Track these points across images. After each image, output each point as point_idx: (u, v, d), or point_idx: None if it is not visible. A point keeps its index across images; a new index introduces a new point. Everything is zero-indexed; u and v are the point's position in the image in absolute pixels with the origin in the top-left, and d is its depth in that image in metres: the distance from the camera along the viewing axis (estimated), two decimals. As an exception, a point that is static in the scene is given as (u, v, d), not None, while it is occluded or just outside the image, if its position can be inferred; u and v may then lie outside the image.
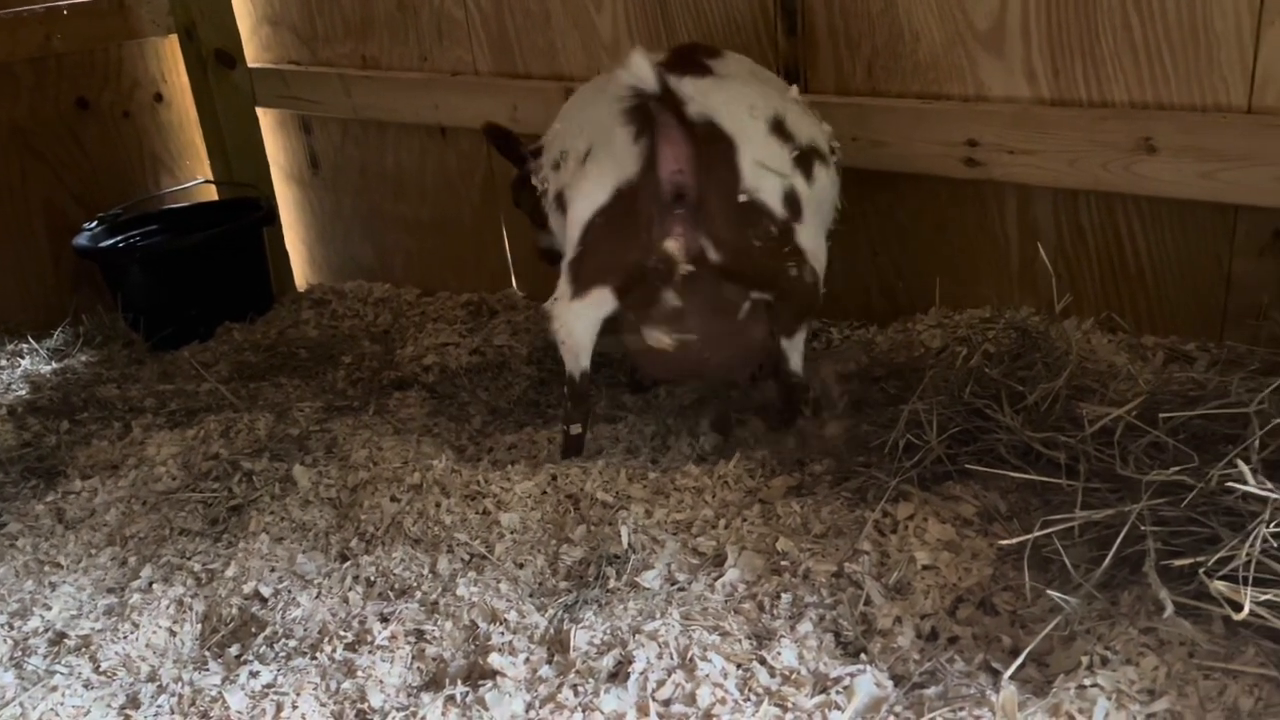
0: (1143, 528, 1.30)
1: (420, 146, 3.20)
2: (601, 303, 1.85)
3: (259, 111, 3.54)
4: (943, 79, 2.17)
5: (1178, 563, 1.23)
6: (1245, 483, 1.18)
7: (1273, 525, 1.16)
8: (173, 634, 1.70)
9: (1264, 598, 1.13)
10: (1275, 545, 1.16)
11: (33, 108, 3.23)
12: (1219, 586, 1.15)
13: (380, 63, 3.17)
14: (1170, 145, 1.90)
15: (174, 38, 3.44)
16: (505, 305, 3.07)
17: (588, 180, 1.82)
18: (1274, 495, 1.17)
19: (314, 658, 1.53)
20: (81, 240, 3.13)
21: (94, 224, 3.20)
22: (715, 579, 1.60)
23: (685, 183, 1.72)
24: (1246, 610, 1.13)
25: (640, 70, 1.59)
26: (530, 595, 1.65)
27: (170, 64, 3.49)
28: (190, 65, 3.45)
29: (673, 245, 1.74)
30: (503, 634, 1.52)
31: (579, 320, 1.88)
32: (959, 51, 2.13)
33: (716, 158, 1.74)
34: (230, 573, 1.80)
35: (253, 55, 3.48)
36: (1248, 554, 1.16)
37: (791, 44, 2.34)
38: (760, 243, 1.78)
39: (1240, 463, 1.20)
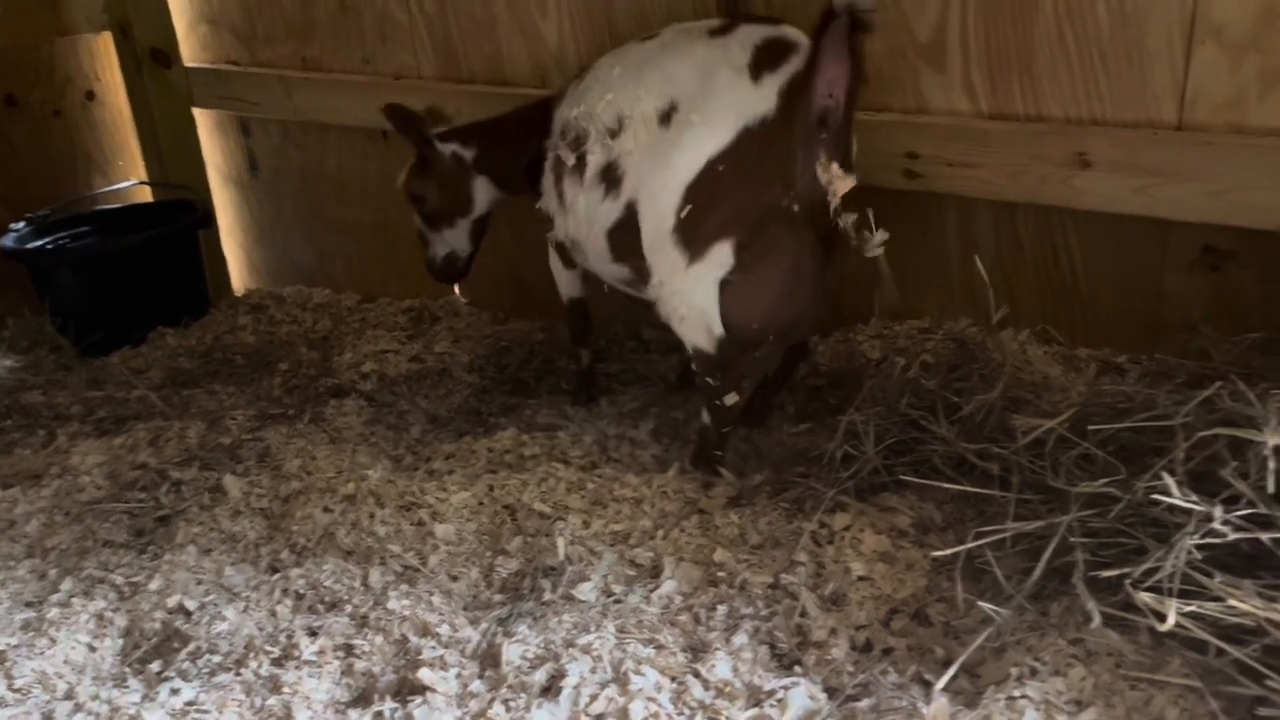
0: (1072, 539, 1.31)
1: (363, 150, 3.15)
2: (721, 262, 1.73)
3: (196, 112, 3.46)
4: (884, 90, 2.18)
5: (1105, 574, 1.24)
6: (1170, 495, 1.19)
7: (1197, 537, 1.17)
8: (92, 650, 1.64)
9: (1188, 609, 1.15)
10: (1199, 557, 1.17)
11: (-42, 104, 3.14)
12: (1144, 598, 1.16)
13: (322, 64, 3.12)
14: (1104, 160, 1.93)
15: (108, 35, 3.36)
16: (448, 312, 3.03)
17: (693, 131, 1.71)
18: (1198, 507, 1.19)
19: (238, 674, 1.49)
20: (8, 241, 3.03)
21: (22, 225, 3.11)
22: (652, 591, 1.58)
23: (832, 107, 1.66)
24: (1171, 621, 1.14)
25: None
26: (464, 608, 1.62)
27: (104, 62, 3.40)
28: (124, 63, 3.36)
29: (821, 171, 1.68)
30: (434, 648, 1.49)
31: (700, 286, 1.75)
32: (900, 64, 2.14)
33: (857, 84, 1.69)
34: (154, 586, 1.75)
35: (190, 54, 3.41)
36: (1173, 565, 1.17)
37: (735, 53, 2.34)
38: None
39: (1166, 475, 1.21)
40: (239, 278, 3.68)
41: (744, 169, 1.69)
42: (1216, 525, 1.16)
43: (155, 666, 1.57)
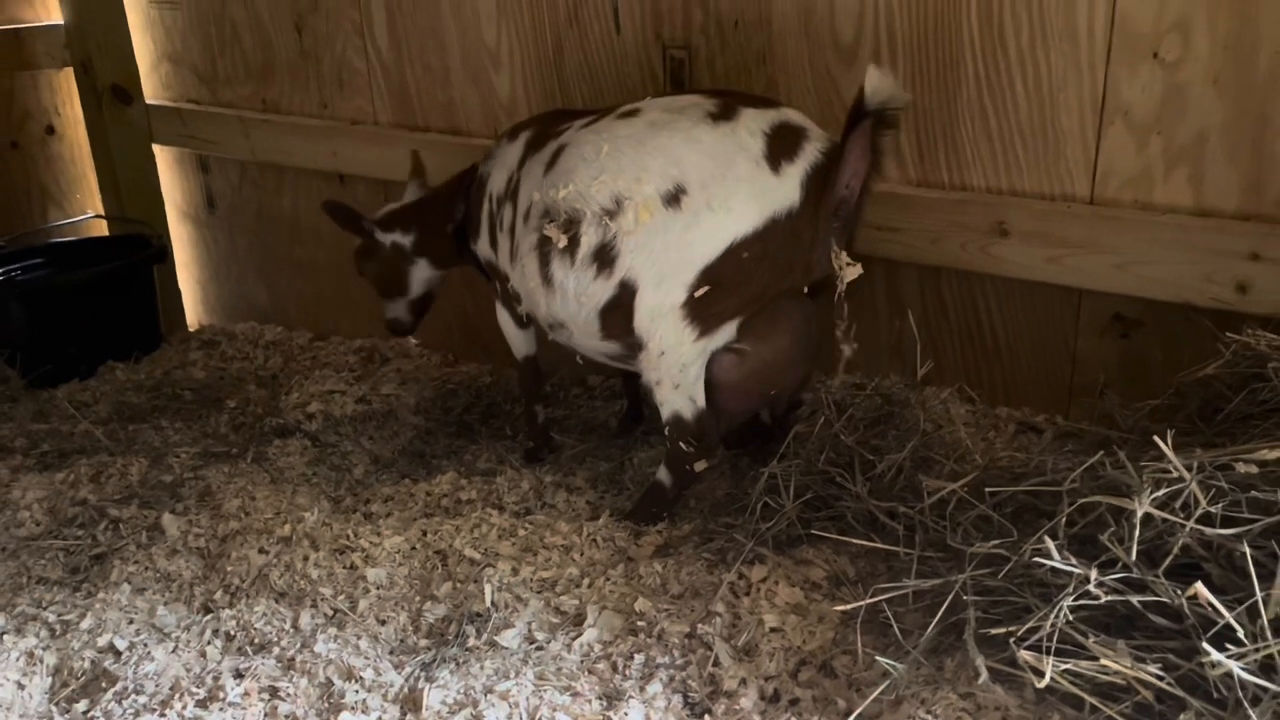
0: (965, 597, 1.38)
1: (318, 191, 3.21)
2: (724, 336, 1.82)
3: (156, 148, 3.51)
4: (818, 155, 2.27)
5: (994, 631, 1.31)
6: (1051, 558, 1.27)
7: (1074, 598, 1.25)
8: (21, 687, 1.66)
9: (1065, 667, 1.22)
10: (1075, 617, 1.24)
11: (-86, 136, 3.16)
12: (1024, 656, 1.23)
13: (280, 107, 3.18)
14: (1021, 230, 2.03)
15: (70, 70, 3.40)
16: (398, 353, 3.08)
17: (714, 216, 1.75)
18: (1076, 570, 1.26)
19: (162, 714, 1.52)
20: (-42, 272, 3.06)
21: (-27, 256, 3.13)
22: (574, 639, 1.63)
23: (848, 197, 1.77)
24: (1047, 679, 1.21)
25: (887, 82, 1.63)
26: (390, 653, 1.66)
27: (65, 96, 3.44)
28: (85, 99, 3.41)
29: (834, 258, 1.77)
30: (357, 692, 1.53)
31: (701, 359, 1.83)
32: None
33: (872, 177, 1.79)
34: (86, 624, 1.78)
35: (151, 92, 3.46)
36: (1052, 625, 1.24)
37: (679, 114, 2.43)
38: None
39: (1048, 539, 1.29)
40: (194, 313, 3.71)
41: (768, 255, 1.77)
42: (1091, 588, 1.24)
43: (82, 706, 1.59)
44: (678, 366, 1.83)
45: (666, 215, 1.77)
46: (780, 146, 1.77)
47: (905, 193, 2.17)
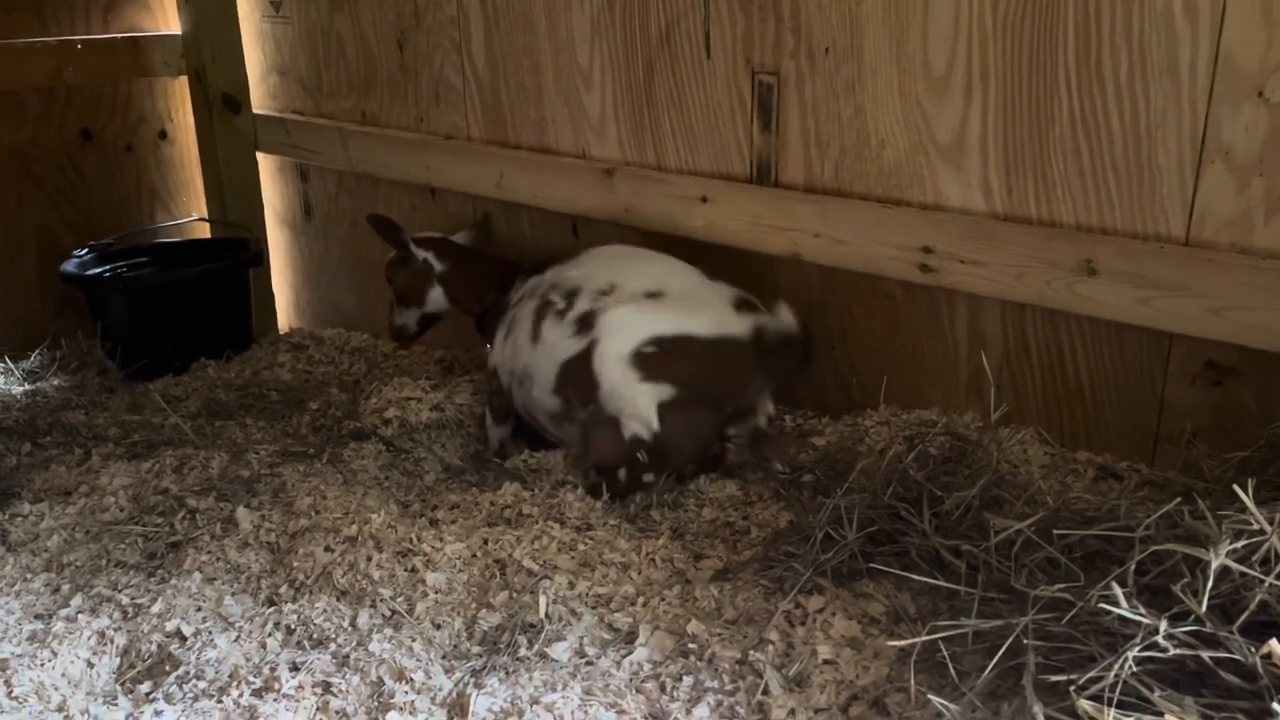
0: (1026, 641, 1.33)
1: (410, 204, 3.29)
2: (661, 391, 2.15)
3: (259, 156, 3.64)
4: (904, 185, 2.24)
5: (1055, 678, 1.26)
6: (1118, 605, 1.21)
7: (1141, 649, 1.19)
8: (90, 665, 1.72)
9: (1126, 721, 1.16)
10: (1142, 669, 1.19)
11: (36, 135, 3.33)
12: (1084, 706, 1.18)
13: (379, 120, 3.27)
14: (1110, 269, 1.97)
15: (184, 79, 3.56)
16: (476, 364, 3.12)
17: (680, 310, 2.17)
18: (1145, 619, 1.20)
19: (220, 701, 1.55)
20: (69, 266, 3.20)
21: (85, 251, 3.28)
22: (624, 656, 1.62)
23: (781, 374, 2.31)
24: (1108, 732, 1.15)
25: (790, 318, 2.20)
26: (442, 657, 1.67)
27: (178, 103, 3.60)
28: (197, 106, 3.56)
29: (759, 401, 2.27)
30: (407, 693, 1.54)
31: (644, 396, 2.15)
32: (920, 161, 2.21)
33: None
34: (156, 609, 1.83)
35: (258, 102, 3.59)
36: (1116, 675, 1.19)
37: (765, 139, 2.43)
38: None
39: (1116, 586, 1.23)
40: (286, 316, 3.82)
41: (713, 359, 2.14)
42: (1160, 639, 1.18)
43: (145, 687, 1.64)
44: (624, 399, 2.13)
45: (641, 300, 2.20)
46: (744, 304, 2.22)
47: (990, 226, 2.12)
